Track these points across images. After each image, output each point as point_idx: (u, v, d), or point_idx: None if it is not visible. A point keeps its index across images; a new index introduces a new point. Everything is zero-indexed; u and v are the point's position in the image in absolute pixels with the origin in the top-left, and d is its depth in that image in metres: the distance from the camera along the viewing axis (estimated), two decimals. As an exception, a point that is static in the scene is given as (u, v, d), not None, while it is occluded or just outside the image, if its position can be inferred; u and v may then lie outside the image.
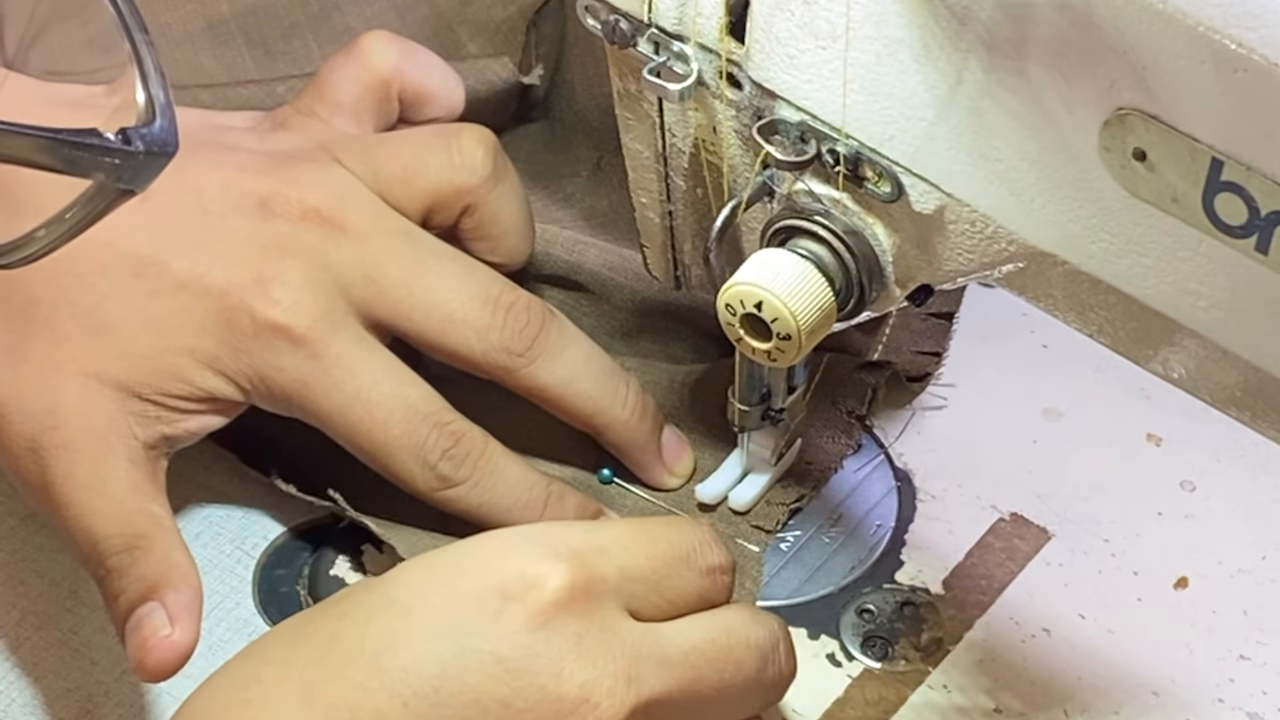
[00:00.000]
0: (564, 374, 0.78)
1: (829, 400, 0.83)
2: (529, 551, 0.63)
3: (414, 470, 0.75)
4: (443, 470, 0.75)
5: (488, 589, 0.62)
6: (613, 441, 0.80)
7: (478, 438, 0.76)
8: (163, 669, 0.68)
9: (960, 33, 0.61)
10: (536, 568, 0.62)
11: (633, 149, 0.74)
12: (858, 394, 0.84)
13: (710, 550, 0.67)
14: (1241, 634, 0.78)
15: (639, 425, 0.80)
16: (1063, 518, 0.82)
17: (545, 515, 0.77)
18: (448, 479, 0.75)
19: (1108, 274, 0.62)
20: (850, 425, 0.84)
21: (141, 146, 0.51)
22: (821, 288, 0.68)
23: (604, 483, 0.82)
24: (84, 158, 0.51)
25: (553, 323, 0.78)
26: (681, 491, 0.82)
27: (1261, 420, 0.63)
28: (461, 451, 0.75)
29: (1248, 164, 0.56)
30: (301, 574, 0.80)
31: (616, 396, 0.79)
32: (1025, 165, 0.62)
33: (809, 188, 0.68)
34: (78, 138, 0.50)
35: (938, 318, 0.86)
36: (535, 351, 0.77)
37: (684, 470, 0.82)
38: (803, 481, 0.82)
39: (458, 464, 0.75)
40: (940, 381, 0.86)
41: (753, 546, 0.80)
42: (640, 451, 0.81)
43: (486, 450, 0.76)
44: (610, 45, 0.70)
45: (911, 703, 0.75)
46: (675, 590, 0.66)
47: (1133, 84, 0.57)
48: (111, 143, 0.51)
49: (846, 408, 0.84)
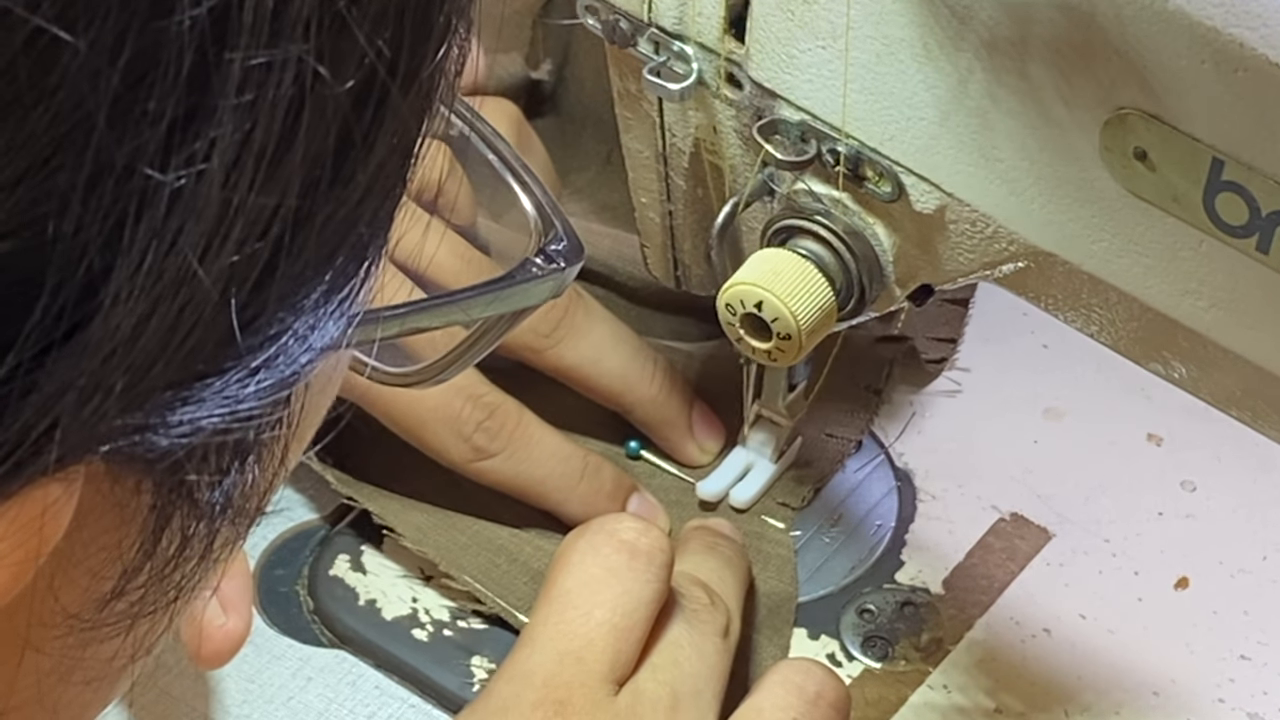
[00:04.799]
0: (591, 353, 0.79)
1: (846, 374, 0.83)
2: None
3: (449, 442, 0.76)
4: (478, 442, 0.76)
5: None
6: (641, 419, 0.81)
7: (512, 410, 0.77)
8: (218, 657, 0.69)
9: (961, 32, 0.61)
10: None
11: (633, 149, 0.74)
12: (875, 368, 0.84)
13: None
14: (1242, 634, 0.78)
15: (667, 402, 0.81)
16: (1063, 518, 0.82)
17: (580, 487, 0.78)
18: (483, 450, 0.76)
19: (1108, 274, 0.62)
20: (868, 399, 0.84)
21: (564, 264, 0.52)
22: (822, 287, 0.68)
23: (631, 456, 0.83)
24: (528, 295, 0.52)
25: (579, 304, 0.79)
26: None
27: (1262, 420, 0.63)
28: (496, 423, 0.76)
29: (1248, 164, 0.56)
30: (301, 574, 0.80)
31: (644, 374, 0.80)
32: (1026, 165, 0.62)
33: (809, 187, 0.68)
34: (521, 276, 0.51)
35: (953, 303, 0.86)
36: (561, 332, 0.78)
37: (714, 446, 0.82)
38: (822, 460, 0.83)
39: (492, 436, 0.76)
40: (956, 366, 0.86)
41: (778, 524, 0.80)
42: (669, 428, 0.82)
43: (521, 422, 0.77)
44: (610, 45, 0.70)
45: (911, 703, 0.75)
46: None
47: (1133, 84, 0.57)
48: (546, 269, 0.52)
49: (864, 382, 0.84)
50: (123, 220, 0.31)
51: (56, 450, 0.32)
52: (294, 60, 0.32)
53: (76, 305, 0.31)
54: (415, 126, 0.36)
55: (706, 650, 0.70)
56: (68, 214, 0.30)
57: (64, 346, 0.31)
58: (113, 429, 0.32)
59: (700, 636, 0.70)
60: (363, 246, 0.36)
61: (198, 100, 0.31)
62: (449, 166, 0.58)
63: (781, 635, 0.77)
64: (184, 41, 0.30)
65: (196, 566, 0.37)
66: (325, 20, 0.32)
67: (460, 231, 0.73)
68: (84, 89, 0.30)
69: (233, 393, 0.34)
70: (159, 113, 0.30)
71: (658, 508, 0.80)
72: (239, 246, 0.32)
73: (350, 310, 0.36)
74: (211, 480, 0.36)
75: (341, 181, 0.34)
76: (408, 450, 0.77)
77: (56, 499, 0.33)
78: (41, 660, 0.37)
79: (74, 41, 0.29)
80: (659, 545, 0.69)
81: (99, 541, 0.35)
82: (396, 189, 0.36)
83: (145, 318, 0.32)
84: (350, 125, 0.33)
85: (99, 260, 0.31)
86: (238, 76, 0.31)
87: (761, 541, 0.80)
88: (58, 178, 0.30)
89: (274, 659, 0.77)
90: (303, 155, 0.33)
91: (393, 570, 0.80)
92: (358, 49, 0.33)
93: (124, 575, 0.36)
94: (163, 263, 0.31)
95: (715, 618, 0.71)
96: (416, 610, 0.78)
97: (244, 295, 0.33)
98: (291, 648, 0.78)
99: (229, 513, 0.37)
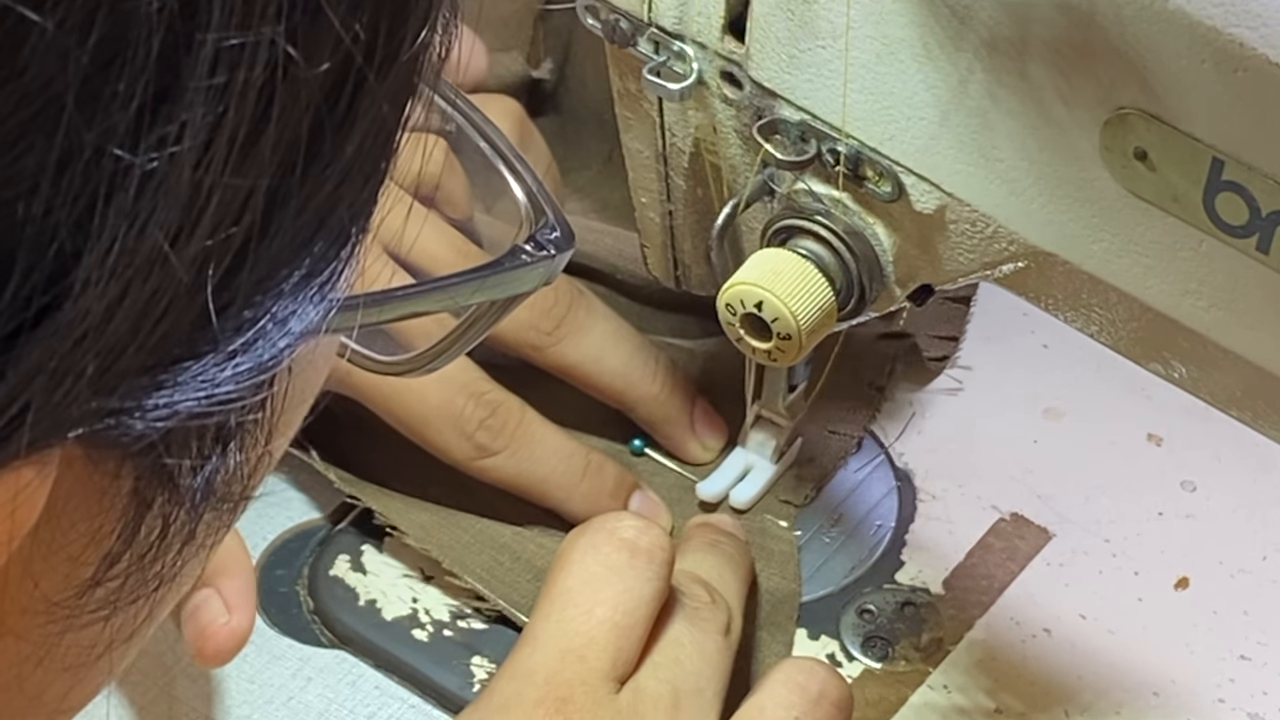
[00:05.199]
0: (592, 351, 0.79)
1: (849, 370, 0.83)
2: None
3: (451, 440, 0.76)
4: (480, 440, 0.76)
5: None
6: (643, 417, 0.81)
7: (515, 407, 0.77)
8: (221, 655, 0.69)
9: (961, 32, 0.61)
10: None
11: (633, 149, 0.74)
12: (877, 364, 0.84)
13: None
14: (1242, 634, 0.78)
15: (669, 400, 0.81)
16: (1063, 518, 0.82)
17: (583, 485, 0.78)
18: (485, 448, 0.76)
19: (1108, 274, 0.62)
20: (871, 396, 0.84)
21: (554, 251, 0.52)
22: (822, 287, 0.68)
23: (635, 454, 0.83)
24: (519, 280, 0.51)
25: (581, 301, 0.79)
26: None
27: (1262, 420, 0.63)
28: (499, 421, 0.76)
29: (1249, 163, 0.56)
30: (301, 574, 0.80)
31: (646, 372, 0.80)
32: (1026, 165, 0.62)
33: (809, 187, 0.68)
34: (510, 263, 0.51)
35: (955, 301, 0.86)
36: (564, 330, 0.78)
37: (716, 443, 0.83)
38: (825, 456, 0.83)
39: (494, 434, 0.76)
40: (958, 365, 0.86)
41: (782, 522, 0.80)
42: (671, 425, 0.82)
43: (524, 420, 0.77)
44: (610, 45, 0.70)
45: (911, 703, 0.75)
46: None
47: (1133, 84, 0.57)
48: (536, 256, 0.51)
49: (867, 379, 0.84)
50: (93, 203, 0.31)
51: (28, 434, 0.32)
52: (266, 43, 0.31)
53: (46, 288, 0.31)
54: (394, 111, 0.36)
55: (707, 648, 0.70)
56: (37, 196, 0.30)
57: (34, 330, 0.31)
58: (85, 413, 0.32)
59: (701, 635, 0.70)
60: (342, 230, 0.36)
61: (168, 82, 0.31)
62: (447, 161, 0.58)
63: (785, 632, 0.77)
64: (154, 22, 0.30)
65: (179, 554, 0.37)
66: (299, 2, 0.32)
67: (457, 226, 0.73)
68: (52, 69, 0.29)
69: (210, 377, 0.34)
70: (129, 94, 0.30)
71: (660, 505, 0.80)
72: (212, 230, 0.32)
73: (331, 294, 0.36)
74: (193, 466, 0.36)
75: (318, 165, 0.34)
76: (410, 449, 0.77)
77: (29, 483, 0.32)
78: (20, 646, 0.36)
79: (42, 21, 0.29)
80: (659, 543, 0.69)
81: (78, 528, 0.35)
82: (376, 173, 0.36)
83: (116, 301, 0.31)
84: (324, 109, 0.33)
85: (69, 243, 0.31)
86: (209, 58, 0.31)
87: (764, 538, 0.80)
88: (27, 159, 0.30)
89: (274, 659, 0.77)
90: (276, 138, 0.32)
91: (393, 570, 0.80)
92: (333, 32, 0.32)
93: (104, 562, 0.36)
94: (134, 245, 0.31)
95: (716, 616, 0.71)
96: (416, 610, 0.78)
97: (219, 279, 0.33)
98: (291, 648, 0.78)
99: (211, 499, 0.37)
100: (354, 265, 0.37)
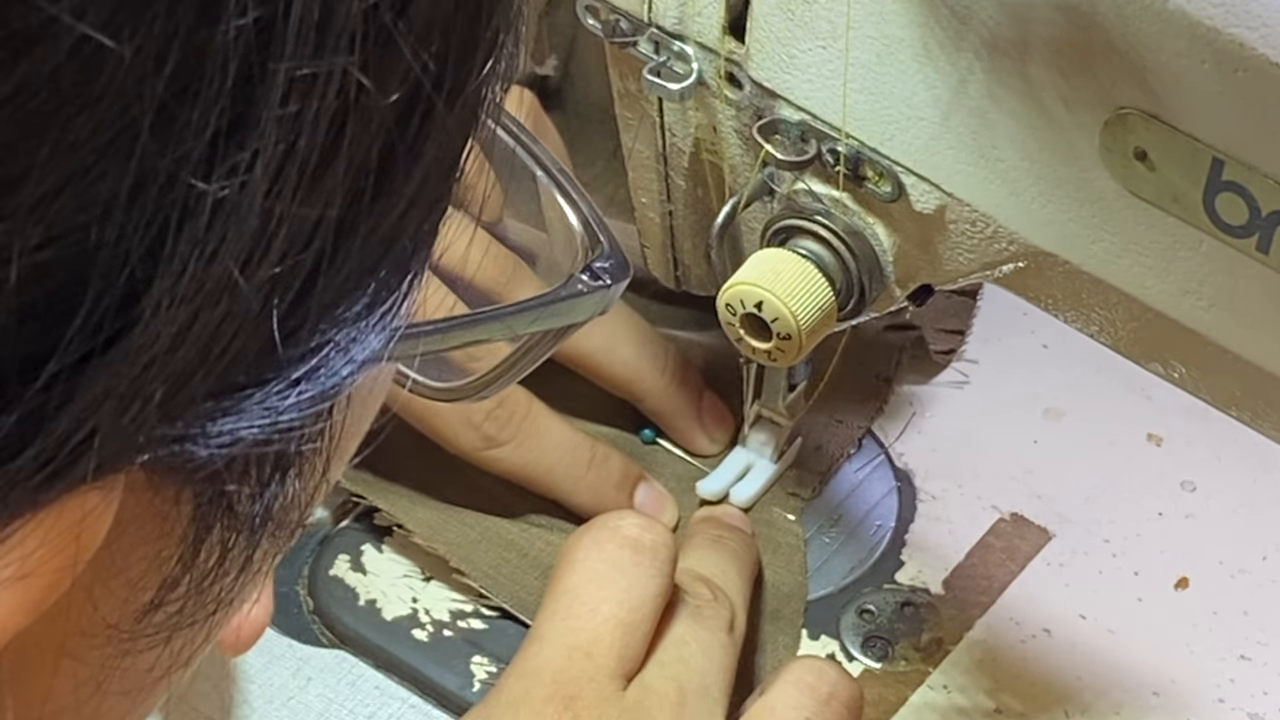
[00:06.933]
0: (603, 342, 0.79)
1: (856, 362, 0.84)
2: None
3: (459, 430, 0.76)
4: (487, 430, 0.76)
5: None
6: (652, 408, 0.82)
7: (522, 399, 0.77)
8: (241, 644, 0.69)
9: (961, 32, 0.61)
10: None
11: (633, 149, 0.74)
12: (885, 356, 0.84)
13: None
14: (1242, 634, 0.78)
15: (677, 392, 0.81)
16: (1063, 518, 0.82)
17: (589, 476, 0.78)
18: (492, 439, 0.76)
19: (1108, 274, 0.62)
20: (878, 387, 0.84)
21: (610, 281, 0.51)
22: (822, 287, 0.68)
23: (646, 443, 0.83)
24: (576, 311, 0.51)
25: None
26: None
27: (1262, 420, 0.63)
28: (506, 412, 0.76)
29: (1249, 163, 0.56)
30: (301, 574, 0.80)
31: (655, 363, 0.81)
32: (1026, 165, 0.62)
33: (809, 187, 0.68)
34: (566, 292, 0.51)
35: (961, 295, 0.86)
36: None
37: (724, 436, 0.83)
38: (831, 445, 0.83)
39: (501, 424, 0.76)
40: (964, 358, 0.87)
41: (789, 515, 0.80)
42: (679, 417, 0.82)
43: (530, 411, 0.77)
44: (610, 45, 0.70)
45: (911, 703, 0.75)
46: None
47: (1133, 84, 0.57)
48: (592, 286, 0.51)
49: (874, 370, 0.84)
50: (165, 229, 0.31)
51: (95, 459, 0.32)
52: (339, 72, 0.31)
53: (117, 313, 0.31)
54: (460, 140, 0.36)
55: (712, 646, 0.70)
56: (110, 222, 0.30)
57: (104, 355, 0.31)
58: (152, 438, 0.32)
59: (705, 632, 0.70)
60: (405, 259, 0.36)
61: (242, 110, 0.31)
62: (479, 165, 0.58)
63: (792, 626, 0.78)
64: (229, 51, 0.30)
65: (236, 579, 0.37)
66: (371, 33, 0.32)
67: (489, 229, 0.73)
68: (128, 97, 0.29)
69: (273, 404, 0.34)
70: (203, 122, 0.30)
71: (666, 497, 0.81)
72: (281, 257, 0.32)
73: (392, 323, 0.36)
74: (252, 492, 0.36)
75: (385, 194, 0.34)
76: (415, 444, 0.78)
77: (95, 507, 0.32)
78: (79, 669, 0.36)
79: (119, 49, 0.29)
80: (662, 541, 0.69)
81: (138, 552, 0.35)
82: (440, 202, 0.36)
83: (186, 327, 0.32)
84: (394, 138, 0.33)
85: (140, 269, 0.31)
86: (282, 87, 0.31)
87: (771, 530, 0.80)
88: (101, 186, 0.30)
89: (274, 659, 0.77)
90: (346, 167, 0.33)
91: (393, 570, 0.80)
92: (403, 62, 0.33)
93: (163, 586, 0.36)
94: (204, 272, 0.31)
95: (719, 613, 0.71)
96: (416, 610, 0.78)
97: (285, 306, 0.33)
98: (291, 648, 0.78)
99: (269, 525, 0.37)
100: (415, 293, 0.37)
